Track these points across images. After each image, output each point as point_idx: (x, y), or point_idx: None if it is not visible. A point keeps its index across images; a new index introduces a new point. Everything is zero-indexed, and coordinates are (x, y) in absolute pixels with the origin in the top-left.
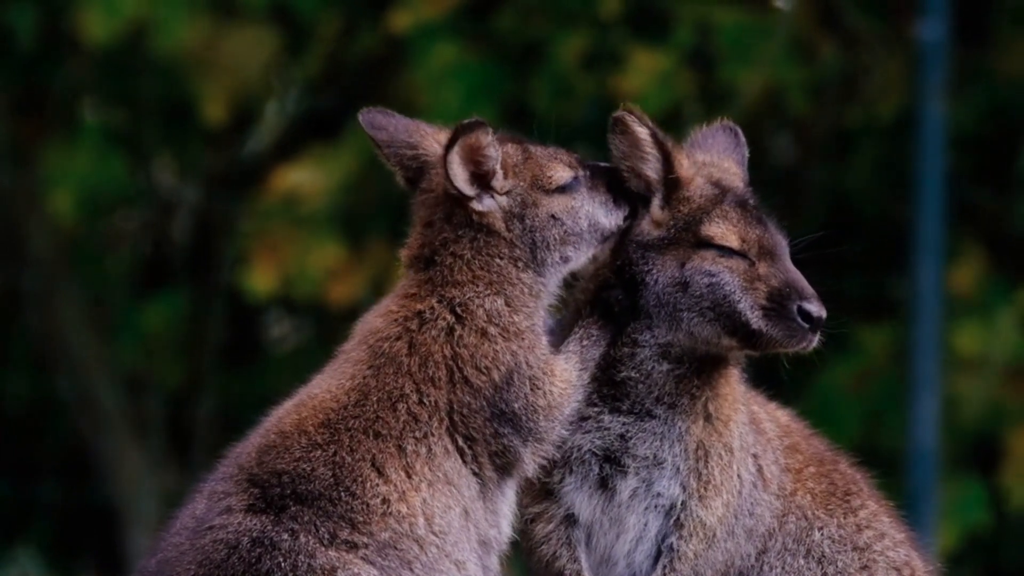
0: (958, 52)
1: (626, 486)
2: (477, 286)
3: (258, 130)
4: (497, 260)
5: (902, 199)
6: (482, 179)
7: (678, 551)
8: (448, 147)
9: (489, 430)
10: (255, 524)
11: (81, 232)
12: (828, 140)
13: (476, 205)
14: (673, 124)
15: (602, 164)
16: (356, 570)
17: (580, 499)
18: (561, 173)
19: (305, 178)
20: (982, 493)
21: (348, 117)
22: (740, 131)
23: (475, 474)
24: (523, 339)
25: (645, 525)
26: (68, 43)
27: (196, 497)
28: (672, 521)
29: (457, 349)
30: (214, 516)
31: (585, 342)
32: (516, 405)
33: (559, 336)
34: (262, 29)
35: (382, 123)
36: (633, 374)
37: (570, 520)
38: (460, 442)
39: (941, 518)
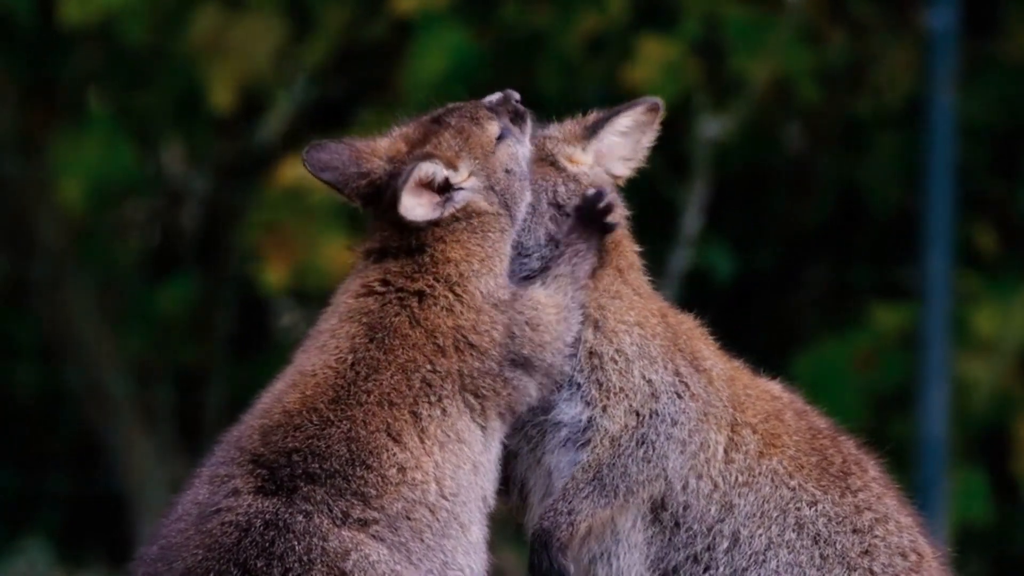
0: (967, 41)
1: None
2: (472, 263)
3: (267, 119)
4: (491, 233)
5: (912, 189)
6: (442, 187)
7: (581, 462)
8: (394, 205)
9: (499, 383)
10: (267, 506)
11: (90, 221)
12: (838, 130)
13: (451, 208)
14: (682, 114)
15: (493, 98)
16: (367, 551)
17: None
18: (492, 128)
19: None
20: (991, 482)
21: (358, 105)
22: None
23: (481, 427)
24: (507, 300)
25: (559, 464)
26: (67, 29)
27: (195, 483)
28: (581, 444)
29: (460, 321)
30: (220, 499)
31: (575, 259)
32: (525, 351)
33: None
34: (271, 17)
35: (327, 162)
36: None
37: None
38: (471, 400)
39: (950, 507)
